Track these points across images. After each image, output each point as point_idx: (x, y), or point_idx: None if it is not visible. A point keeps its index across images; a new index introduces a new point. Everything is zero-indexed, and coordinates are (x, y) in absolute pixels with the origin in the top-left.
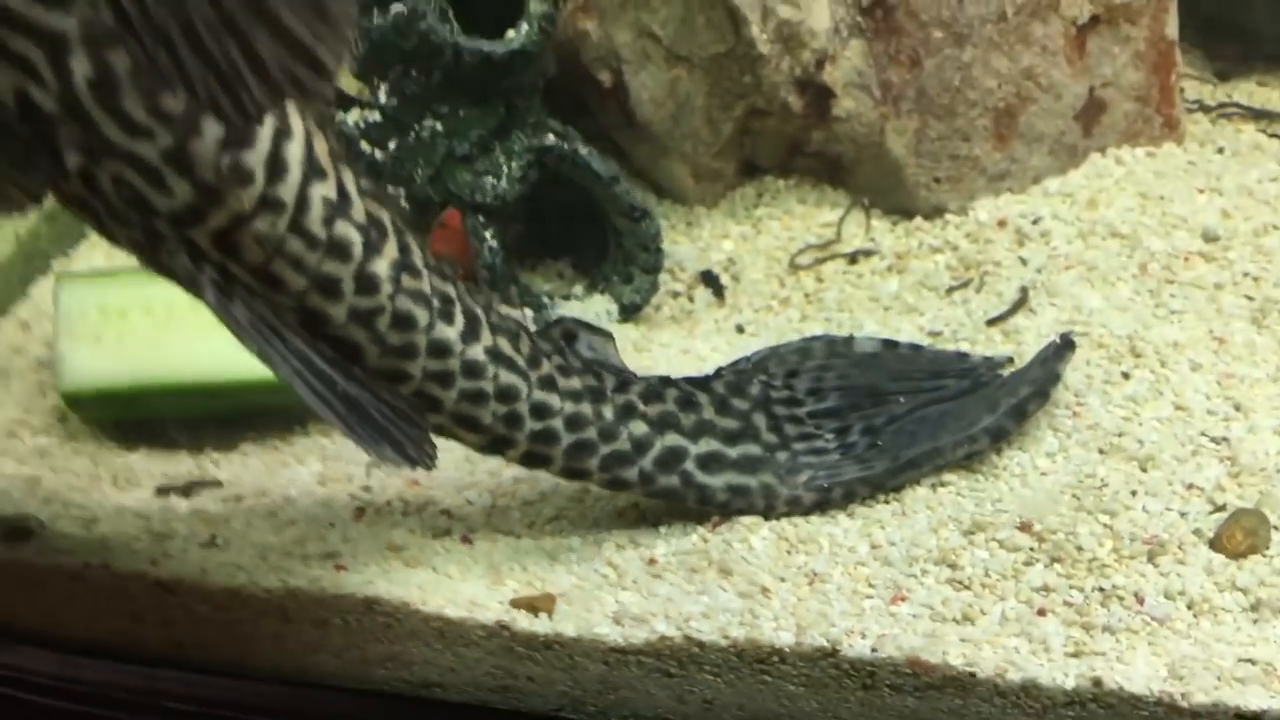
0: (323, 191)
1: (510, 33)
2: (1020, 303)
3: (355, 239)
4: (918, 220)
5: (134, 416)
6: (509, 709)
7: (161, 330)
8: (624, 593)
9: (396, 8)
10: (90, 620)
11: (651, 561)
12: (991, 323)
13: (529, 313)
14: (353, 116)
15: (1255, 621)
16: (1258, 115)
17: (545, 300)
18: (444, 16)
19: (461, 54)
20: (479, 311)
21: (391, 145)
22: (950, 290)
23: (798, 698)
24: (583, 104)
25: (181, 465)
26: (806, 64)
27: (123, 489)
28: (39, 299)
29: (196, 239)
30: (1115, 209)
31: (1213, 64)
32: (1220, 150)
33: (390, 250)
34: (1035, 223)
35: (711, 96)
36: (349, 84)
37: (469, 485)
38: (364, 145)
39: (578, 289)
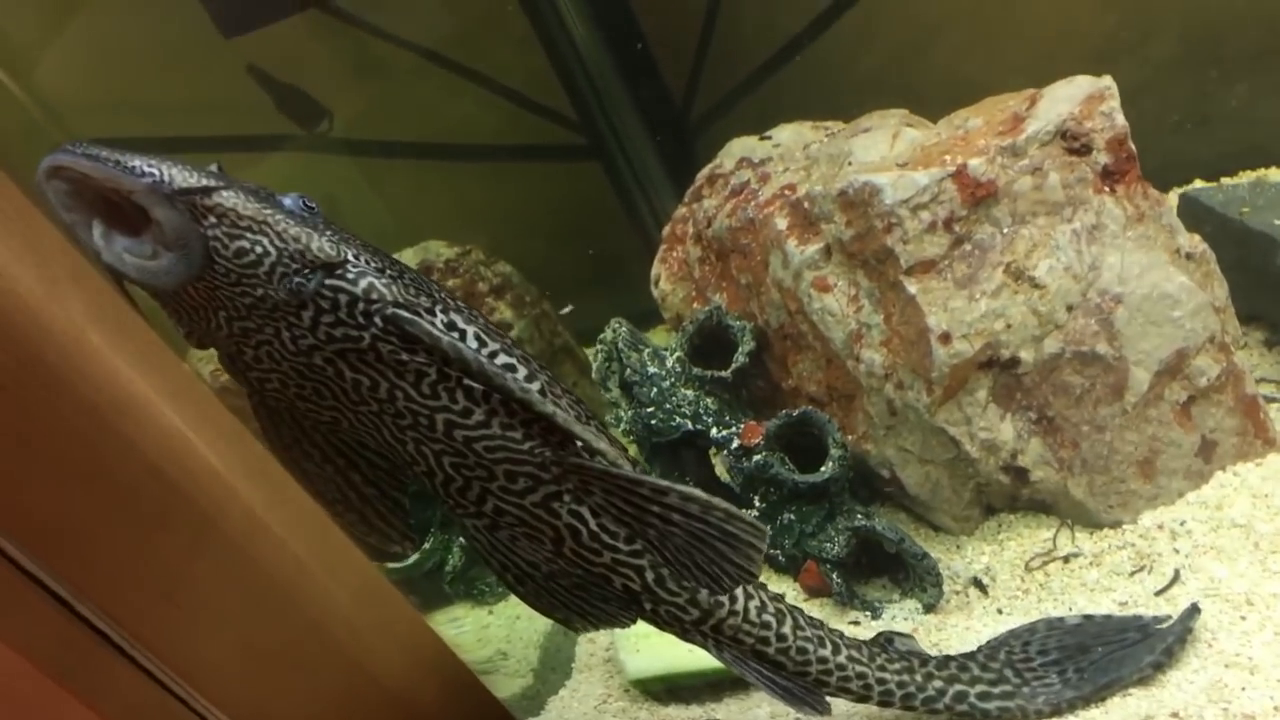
0: (754, 604)
1: (823, 468)
2: (1174, 580)
3: (772, 622)
4: (1105, 530)
5: (665, 688)
6: None
7: (673, 645)
8: None
9: (756, 458)
10: None
11: None
12: (1158, 594)
13: (868, 614)
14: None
15: None
16: None
17: (877, 604)
18: (783, 463)
19: (796, 483)
20: (837, 639)
21: (769, 528)
22: (1131, 574)
23: None
24: (877, 487)
25: (694, 713)
26: (1004, 458)
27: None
28: None
29: (704, 630)
30: (1235, 508)
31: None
32: None
33: (789, 623)
34: (1182, 524)
35: (952, 479)
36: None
37: (857, 712)
38: None
39: (895, 595)
